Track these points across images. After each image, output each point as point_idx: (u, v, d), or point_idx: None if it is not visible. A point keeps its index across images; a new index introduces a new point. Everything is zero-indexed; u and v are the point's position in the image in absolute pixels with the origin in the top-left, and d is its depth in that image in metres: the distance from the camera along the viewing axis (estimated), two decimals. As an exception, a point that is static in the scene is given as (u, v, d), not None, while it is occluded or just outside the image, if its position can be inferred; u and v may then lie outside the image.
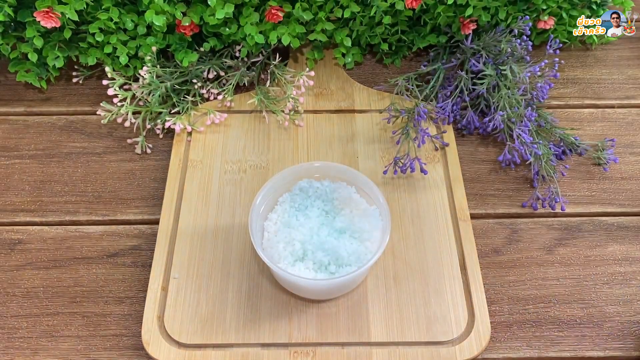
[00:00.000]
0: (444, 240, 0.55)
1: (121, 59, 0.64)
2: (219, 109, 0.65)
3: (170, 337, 0.50)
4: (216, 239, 0.55)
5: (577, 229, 0.58)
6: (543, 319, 0.52)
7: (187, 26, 0.63)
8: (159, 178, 0.62)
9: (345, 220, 0.51)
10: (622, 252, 0.56)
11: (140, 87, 0.63)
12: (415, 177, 0.60)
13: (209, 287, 0.52)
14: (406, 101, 0.65)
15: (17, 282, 0.54)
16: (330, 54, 0.72)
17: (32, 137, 0.65)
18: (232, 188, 0.59)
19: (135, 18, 0.63)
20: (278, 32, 0.64)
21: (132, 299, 0.53)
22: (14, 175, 0.62)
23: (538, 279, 0.55)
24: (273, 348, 0.49)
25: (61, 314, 0.53)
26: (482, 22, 0.65)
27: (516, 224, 0.58)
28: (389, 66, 0.72)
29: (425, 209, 0.57)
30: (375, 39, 0.69)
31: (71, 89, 0.70)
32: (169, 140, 0.65)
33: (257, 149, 0.63)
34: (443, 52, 0.70)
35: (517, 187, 0.61)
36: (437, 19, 0.66)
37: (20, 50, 0.65)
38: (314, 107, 0.67)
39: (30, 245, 0.57)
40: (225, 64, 0.67)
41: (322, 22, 0.66)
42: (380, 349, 0.49)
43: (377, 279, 0.53)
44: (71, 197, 0.60)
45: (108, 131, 0.66)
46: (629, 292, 0.54)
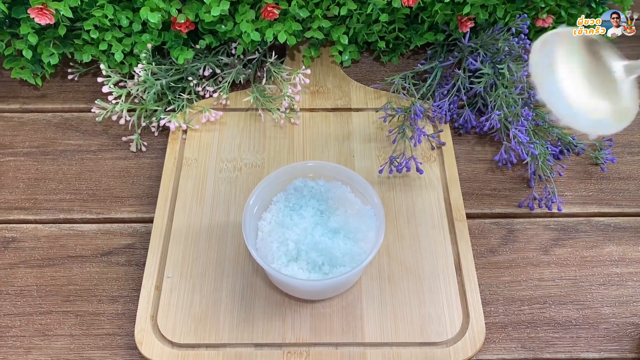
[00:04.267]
0: (440, 240, 0.55)
1: (116, 56, 0.64)
2: (214, 106, 0.65)
3: (163, 337, 0.49)
4: (210, 238, 0.55)
5: (573, 229, 0.58)
6: (538, 320, 0.52)
7: (182, 23, 0.62)
8: (154, 176, 0.61)
9: (339, 220, 0.50)
10: (619, 253, 0.56)
11: (135, 84, 0.63)
12: (411, 176, 0.59)
13: (203, 287, 0.52)
14: (403, 100, 0.65)
15: (11, 281, 0.54)
16: (327, 51, 0.72)
17: (27, 134, 0.65)
18: (227, 186, 0.59)
19: (130, 15, 0.63)
20: (274, 30, 0.63)
21: (126, 298, 0.53)
22: (8, 173, 0.62)
23: (534, 280, 0.54)
24: (266, 348, 0.49)
25: (54, 312, 0.52)
26: (480, 20, 0.65)
27: (512, 224, 0.58)
28: (386, 64, 0.72)
29: (420, 209, 0.57)
30: (373, 37, 0.69)
31: (66, 86, 0.70)
32: (164, 138, 0.64)
33: (253, 147, 0.62)
34: (440, 51, 0.69)
35: (514, 187, 0.61)
36: (434, 17, 0.66)
37: (15, 47, 0.64)
38: (310, 105, 0.66)
39: (23, 244, 0.57)
40: (221, 62, 0.67)
41: (319, 20, 0.65)
42: (374, 350, 0.49)
43: (371, 279, 0.52)
44: (65, 195, 0.60)
45: (103, 129, 0.66)
46: (625, 293, 0.53)
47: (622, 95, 0.36)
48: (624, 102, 0.36)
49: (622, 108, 0.36)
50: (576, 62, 0.37)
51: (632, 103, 0.35)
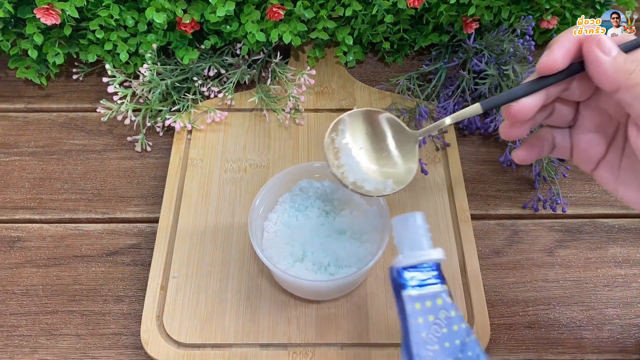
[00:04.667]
0: (444, 241, 0.55)
1: (121, 56, 0.64)
2: (219, 107, 0.65)
3: (169, 337, 0.50)
4: (216, 239, 0.55)
5: (577, 230, 0.58)
6: (543, 321, 0.52)
7: (187, 24, 0.63)
8: (159, 176, 0.61)
9: (345, 221, 0.50)
10: (623, 254, 0.56)
11: (140, 84, 0.63)
12: (415, 177, 0.59)
13: (208, 287, 0.52)
14: (407, 100, 0.65)
15: (17, 280, 0.54)
16: (331, 52, 0.72)
17: (32, 134, 0.65)
18: (232, 187, 0.59)
19: (135, 15, 0.63)
20: (279, 30, 0.63)
21: (132, 298, 0.53)
22: (13, 173, 0.62)
23: (538, 281, 0.54)
24: (272, 348, 0.49)
25: (60, 312, 0.52)
26: (485, 21, 0.65)
27: (517, 225, 0.58)
28: (390, 65, 0.72)
29: (425, 210, 0.57)
30: (377, 38, 0.69)
31: (71, 86, 0.70)
32: (169, 138, 0.64)
33: (258, 147, 0.62)
34: (445, 52, 0.69)
35: (518, 188, 0.61)
36: (439, 18, 0.66)
37: (20, 46, 0.64)
38: (315, 105, 0.66)
39: (29, 243, 0.57)
40: (226, 62, 0.67)
41: (324, 20, 0.65)
42: (380, 350, 0.49)
43: (377, 280, 0.53)
44: (71, 194, 0.60)
45: (108, 129, 0.66)
46: (629, 295, 0.54)
47: (407, 158, 0.42)
48: (407, 165, 0.42)
49: (406, 169, 0.42)
50: (367, 135, 0.43)
51: (414, 165, 0.42)
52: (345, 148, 0.43)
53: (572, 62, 0.35)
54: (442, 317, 0.34)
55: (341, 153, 0.43)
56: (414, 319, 0.34)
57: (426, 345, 0.33)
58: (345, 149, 0.43)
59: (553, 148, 0.40)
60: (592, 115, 0.38)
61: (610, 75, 0.33)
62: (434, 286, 0.35)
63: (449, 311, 0.34)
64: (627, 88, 0.33)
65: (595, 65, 0.34)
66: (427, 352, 0.33)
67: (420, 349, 0.33)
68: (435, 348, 0.33)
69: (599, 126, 0.38)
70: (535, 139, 0.40)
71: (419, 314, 0.34)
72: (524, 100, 0.36)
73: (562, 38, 0.34)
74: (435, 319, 0.34)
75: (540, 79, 0.35)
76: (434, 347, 0.33)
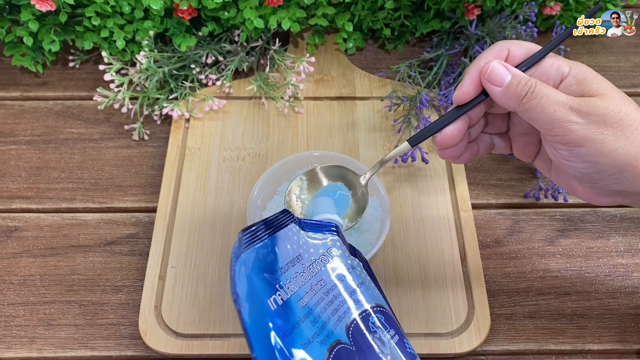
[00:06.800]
0: (445, 230, 0.55)
1: (118, 44, 0.63)
2: (217, 95, 0.64)
3: (167, 327, 0.49)
4: (214, 228, 0.55)
5: (579, 220, 0.57)
6: (544, 310, 0.52)
7: (185, 10, 0.62)
8: (157, 165, 0.61)
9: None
10: (625, 244, 0.56)
11: (137, 72, 0.62)
12: (416, 166, 0.59)
13: (207, 277, 0.52)
14: (408, 88, 0.64)
15: (14, 270, 0.54)
16: (331, 39, 0.71)
17: (28, 123, 0.65)
18: (230, 176, 0.58)
19: (132, 2, 0.62)
20: (278, 17, 0.62)
21: (130, 288, 0.53)
22: (10, 162, 0.61)
23: (539, 271, 0.54)
24: (271, 338, 0.49)
25: (58, 302, 0.52)
26: (487, 7, 0.64)
27: (518, 214, 0.58)
28: (391, 52, 0.71)
29: (426, 199, 0.57)
30: (378, 24, 0.68)
31: (68, 74, 0.69)
32: (166, 126, 0.64)
33: (256, 136, 0.62)
34: (447, 38, 0.68)
35: (520, 177, 0.60)
36: (440, 4, 0.65)
37: (15, 33, 0.63)
38: (314, 93, 0.65)
39: (26, 233, 0.56)
40: (224, 49, 0.66)
41: (323, 6, 0.64)
42: (379, 340, 0.49)
43: (376, 270, 0.52)
44: (68, 184, 0.60)
45: (105, 117, 0.65)
46: (630, 285, 0.53)
47: (358, 200, 0.47)
48: (358, 205, 0.47)
49: (358, 208, 0.47)
50: (324, 186, 0.48)
51: (364, 203, 0.46)
52: (305, 200, 0.48)
53: (482, 89, 0.39)
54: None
55: (301, 205, 0.48)
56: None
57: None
58: (304, 201, 0.48)
59: (493, 147, 0.44)
60: (521, 122, 0.41)
61: (504, 103, 0.37)
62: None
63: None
64: (522, 112, 0.37)
65: (492, 95, 0.38)
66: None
67: None
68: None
69: (529, 129, 0.42)
70: (474, 142, 0.44)
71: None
72: (447, 130, 0.40)
73: (470, 70, 0.38)
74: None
75: (458, 108, 0.40)
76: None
